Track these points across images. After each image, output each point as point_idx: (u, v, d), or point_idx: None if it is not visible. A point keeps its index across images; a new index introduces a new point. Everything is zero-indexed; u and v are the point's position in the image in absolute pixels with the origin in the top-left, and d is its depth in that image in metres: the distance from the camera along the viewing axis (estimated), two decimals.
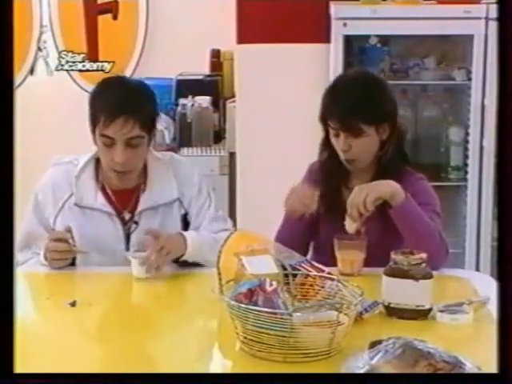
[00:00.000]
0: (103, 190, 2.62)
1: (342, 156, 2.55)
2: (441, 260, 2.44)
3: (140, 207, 2.61)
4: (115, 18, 5.16)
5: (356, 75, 2.69)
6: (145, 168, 2.64)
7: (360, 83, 2.57)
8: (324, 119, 2.56)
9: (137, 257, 2.30)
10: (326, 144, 2.62)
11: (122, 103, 2.49)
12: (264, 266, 1.94)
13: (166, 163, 2.67)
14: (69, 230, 2.50)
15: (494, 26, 3.73)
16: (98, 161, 2.63)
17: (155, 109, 2.65)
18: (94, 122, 2.51)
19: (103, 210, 2.60)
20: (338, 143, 2.54)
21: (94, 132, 2.54)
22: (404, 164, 2.64)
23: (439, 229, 2.49)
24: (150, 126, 2.55)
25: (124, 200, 2.62)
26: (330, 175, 2.63)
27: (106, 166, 2.57)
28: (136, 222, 2.61)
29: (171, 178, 2.64)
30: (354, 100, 2.49)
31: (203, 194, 2.68)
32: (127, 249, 2.59)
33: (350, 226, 2.40)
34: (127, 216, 2.62)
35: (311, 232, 2.64)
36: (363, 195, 2.37)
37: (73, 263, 2.57)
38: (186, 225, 2.66)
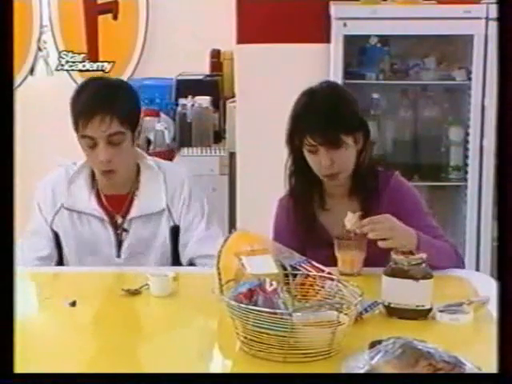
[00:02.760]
0: (97, 194, 2.62)
1: (322, 172, 2.47)
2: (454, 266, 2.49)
3: (130, 215, 2.60)
4: (115, 18, 5.17)
5: (325, 88, 2.57)
6: (138, 175, 2.63)
7: (332, 95, 2.52)
8: (300, 137, 2.46)
9: (156, 275, 2.29)
10: (297, 167, 2.55)
11: (96, 101, 2.49)
12: (264, 265, 1.94)
13: (158, 172, 2.63)
14: None
15: (494, 26, 3.72)
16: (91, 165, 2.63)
17: (135, 104, 2.61)
18: (76, 125, 2.51)
19: (95, 214, 2.60)
20: (319, 159, 2.44)
21: (78, 136, 2.54)
22: (375, 167, 2.59)
23: (447, 240, 2.51)
24: (131, 122, 2.53)
25: (116, 205, 2.62)
26: (305, 199, 2.56)
27: (94, 168, 2.59)
28: (125, 230, 2.61)
29: (161, 188, 2.61)
30: (332, 111, 2.44)
31: (194, 207, 2.63)
32: (118, 254, 2.61)
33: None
34: (119, 221, 2.62)
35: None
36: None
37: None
38: (175, 237, 2.64)
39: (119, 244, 2.61)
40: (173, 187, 2.62)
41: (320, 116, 2.43)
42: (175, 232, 2.63)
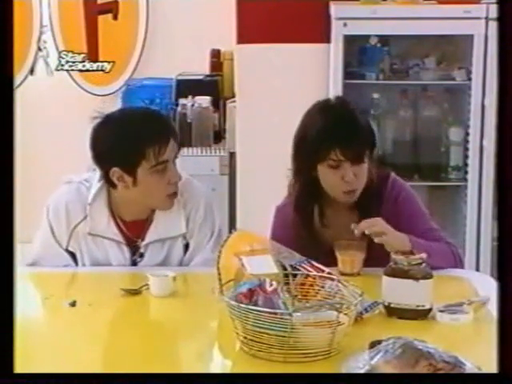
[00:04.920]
0: (114, 218, 2.57)
1: (343, 188, 2.44)
2: (457, 261, 2.51)
3: (146, 239, 2.57)
4: (115, 18, 5.16)
5: (342, 104, 2.56)
6: None
7: (353, 111, 2.51)
8: (325, 152, 2.41)
9: (156, 275, 2.29)
10: (305, 183, 2.52)
11: (166, 127, 2.54)
12: (264, 265, 1.94)
13: (177, 195, 2.57)
14: None
15: (494, 26, 3.73)
16: (108, 189, 2.56)
17: None
18: (139, 158, 2.44)
19: (114, 238, 2.56)
20: (340, 175, 2.42)
21: (135, 171, 2.45)
22: (377, 178, 2.54)
23: (442, 237, 2.52)
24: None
25: (135, 230, 2.58)
26: (308, 215, 2.53)
27: (158, 196, 2.50)
28: (142, 255, 2.58)
29: (180, 213, 2.58)
30: (360, 127, 2.45)
31: (206, 227, 2.60)
32: None
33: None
34: (136, 245, 2.58)
35: None
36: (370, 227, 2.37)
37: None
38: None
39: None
40: (190, 208, 2.59)
41: (351, 131, 2.43)
42: (187, 249, 2.61)
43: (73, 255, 2.59)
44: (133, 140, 2.45)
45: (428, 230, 2.50)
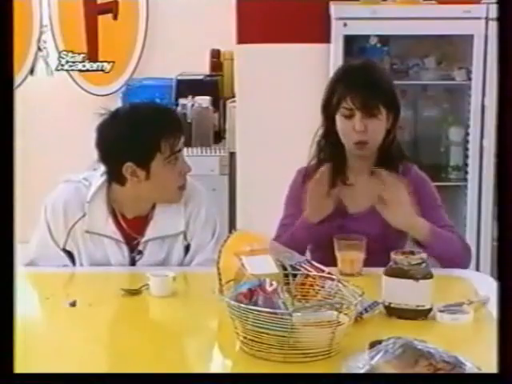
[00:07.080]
0: (114, 216, 2.57)
1: (353, 139, 2.51)
2: (468, 259, 2.60)
3: (146, 236, 2.57)
4: (115, 17, 5.17)
5: (368, 62, 2.77)
6: None
7: (375, 68, 2.65)
8: (338, 100, 2.51)
9: (156, 275, 2.29)
10: (328, 134, 2.59)
11: (177, 118, 2.63)
12: (264, 266, 1.94)
13: (185, 188, 2.59)
14: None
15: (493, 26, 3.73)
16: (109, 187, 2.56)
17: None
18: (155, 151, 2.46)
19: (112, 236, 2.56)
20: (352, 124, 2.49)
21: (149, 164, 2.48)
22: (402, 157, 2.65)
23: (457, 233, 2.61)
24: None
25: (136, 227, 2.57)
26: (331, 166, 2.57)
27: (170, 187, 2.54)
28: (140, 252, 2.58)
29: (180, 211, 2.58)
30: (374, 80, 2.54)
31: (208, 228, 2.61)
32: None
33: None
34: (136, 243, 2.58)
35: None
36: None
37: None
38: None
39: (133, 266, 2.57)
40: (191, 209, 2.60)
41: (364, 81, 2.52)
42: (188, 250, 2.61)
43: (70, 255, 2.59)
44: (148, 133, 2.46)
45: (442, 218, 2.58)
